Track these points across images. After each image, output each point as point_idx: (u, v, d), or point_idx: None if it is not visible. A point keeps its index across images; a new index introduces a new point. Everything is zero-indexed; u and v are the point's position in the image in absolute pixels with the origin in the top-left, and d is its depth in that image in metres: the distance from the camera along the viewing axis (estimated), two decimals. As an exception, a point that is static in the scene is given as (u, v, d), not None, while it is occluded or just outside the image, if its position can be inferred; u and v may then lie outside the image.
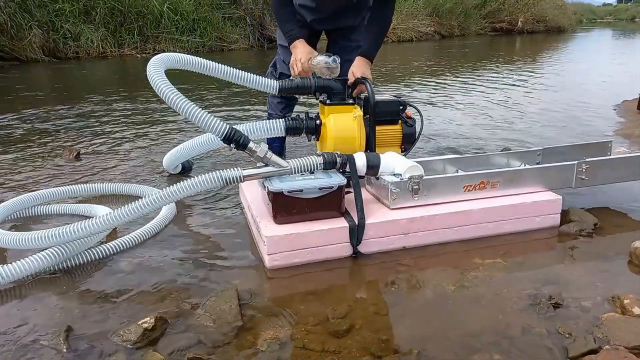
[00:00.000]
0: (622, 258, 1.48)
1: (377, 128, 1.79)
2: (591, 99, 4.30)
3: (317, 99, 1.86)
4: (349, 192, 1.56)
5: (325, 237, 1.47)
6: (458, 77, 5.97)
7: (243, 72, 1.70)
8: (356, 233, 1.49)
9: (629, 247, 1.47)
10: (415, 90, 4.89)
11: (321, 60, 1.81)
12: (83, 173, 2.41)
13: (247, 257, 1.55)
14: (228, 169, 1.49)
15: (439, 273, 1.42)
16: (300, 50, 1.92)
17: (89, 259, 1.50)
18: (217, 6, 10.18)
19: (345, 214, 1.54)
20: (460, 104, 4.14)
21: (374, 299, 1.29)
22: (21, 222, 1.85)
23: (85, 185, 2.05)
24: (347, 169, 1.57)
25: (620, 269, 1.43)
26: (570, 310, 1.22)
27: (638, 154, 1.83)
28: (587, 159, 1.75)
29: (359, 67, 1.91)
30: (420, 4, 13.56)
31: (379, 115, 1.79)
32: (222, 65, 1.67)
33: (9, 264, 1.34)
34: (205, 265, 1.49)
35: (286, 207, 1.48)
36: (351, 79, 1.88)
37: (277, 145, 2.46)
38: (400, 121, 1.85)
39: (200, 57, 1.65)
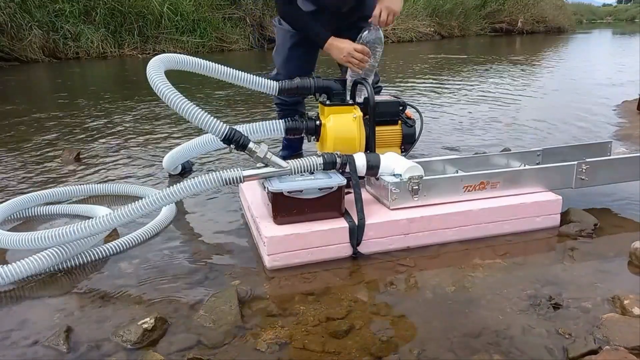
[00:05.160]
0: (622, 258, 1.48)
1: (377, 128, 1.80)
2: (591, 99, 4.30)
3: (316, 100, 1.86)
4: (348, 193, 1.56)
5: (325, 237, 1.47)
6: (456, 76, 5.98)
7: (243, 72, 1.71)
8: (356, 233, 1.49)
9: (629, 247, 1.47)
10: (415, 89, 4.90)
11: (367, 34, 1.88)
12: (83, 173, 2.41)
13: (247, 257, 1.55)
14: (228, 170, 1.49)
15: (438, 273, 1.42)
16: (342, 42, 1.90)
17: (89, 259, 1.50)
18: (217, 7, 10.20)
19: (345, 214, 1.54)
20: (459, 103, 4.15)
21: (373, 300, 1.29)
22: (21, 223, 1.85)
23: (85, 185, 2.05)
24: (347, 169, 1.58)
25: (620, 269, 1.43)
26: (570, 311, 1.22)
27: (638, 155, 1.83)
28: (587, 159, 1.75)
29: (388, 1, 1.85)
30: (420, 5, 13.58)
31: (378, 115, 1.79)
32: (222, 66, 1.67)
33: (9, 265, 1.34)
34: (205, 266, 1.49)
35: (286, 208, 1.48)
36: (377, 14, 1.84)
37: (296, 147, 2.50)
38: (400, 122, 1.85)
39: (200, 57, 1.65)
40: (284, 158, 1.55)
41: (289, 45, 2.17)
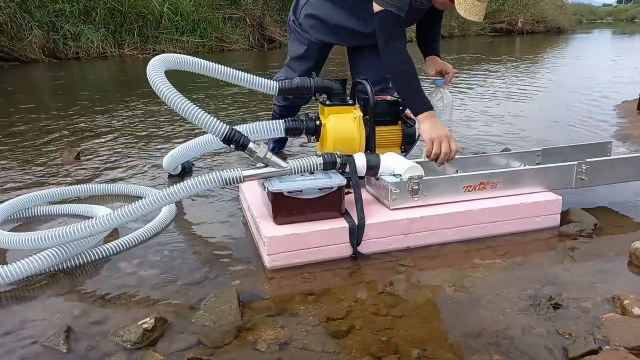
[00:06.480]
0: (622, 258, 1.48)
1: (377, 128, 1.79)
2: (591, 99, 4.30)
3: (316, 100, 1.86)
4: (348, 193, 1.56)
5: (325, 237, 1.47)
6: (455, 75, 5.97)
7: (243, 72, 1.71)
8: (356, 233, 1.49)
9: (629, 247, 1.47)
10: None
11: (446, 96, 2.03)
12: (83, 173, 2.41)
13: (247, 257, 1.54)
14: (228, 169, 1.49)
15: (438, 273, 1.42)
16: (442, 126, 1.73)
17: (89, 259, 1.50)
18: (217, 7, 10.20)
19: (345, 214, 1.54)
20: (458, 102, 4.14)
21: (373, 300, 1.29)
22: (21, 223, 1.85)
23: (85, 185, 2.05)
24: (347, 169, 1.58)
25: (620, 269, 1.43)
26: (570, 311, 1.22)
27: (638, 155, 1.83)
28: (587, 160, 1.75)
29: (441, 63, 2.11)
30: (420, 5, 13.56)
31: (378, 115, 1.79)
32: (222, 66, 1.67)
33: (9, 265, 1.34)
34: (205, 266, 1.49)
35: (286, 208, 1.48)
36: (451, 76, 2.05)
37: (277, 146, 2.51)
38: (400, 122, 1.85)
39: (200, 57, 1.65)
40: (274, 149, 1.55)
41: (316, 58, 2.20)
